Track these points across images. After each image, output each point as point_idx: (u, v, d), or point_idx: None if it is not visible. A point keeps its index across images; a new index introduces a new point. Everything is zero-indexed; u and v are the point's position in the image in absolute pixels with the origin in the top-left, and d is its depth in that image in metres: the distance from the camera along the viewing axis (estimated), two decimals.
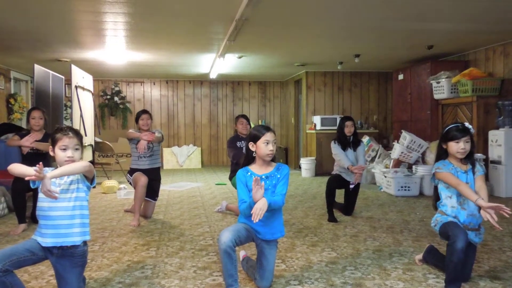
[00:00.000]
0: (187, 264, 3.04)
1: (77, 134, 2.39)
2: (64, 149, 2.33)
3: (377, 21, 4.94)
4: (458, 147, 2.61)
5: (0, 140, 6.28)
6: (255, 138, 2.63)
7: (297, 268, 2.95)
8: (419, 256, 3.03)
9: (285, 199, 2.63)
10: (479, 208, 2.52)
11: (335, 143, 4.61)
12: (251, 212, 2.41)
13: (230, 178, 4.76)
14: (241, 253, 2.96)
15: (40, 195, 2.27)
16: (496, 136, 5.75)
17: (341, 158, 4.50)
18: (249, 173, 2.65)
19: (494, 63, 6.40)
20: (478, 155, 5.77)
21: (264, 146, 2.59)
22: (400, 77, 7.86)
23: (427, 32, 5.53)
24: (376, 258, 3.17)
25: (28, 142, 4.01)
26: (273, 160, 2.69)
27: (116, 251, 3.38)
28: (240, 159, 3.67)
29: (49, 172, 2.20)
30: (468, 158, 2.67)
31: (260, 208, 2.41)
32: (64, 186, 2.33)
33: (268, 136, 2.60)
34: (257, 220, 2.39)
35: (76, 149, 2.36)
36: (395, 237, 3.77)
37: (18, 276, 2.19)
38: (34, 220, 4.14)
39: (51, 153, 2.38)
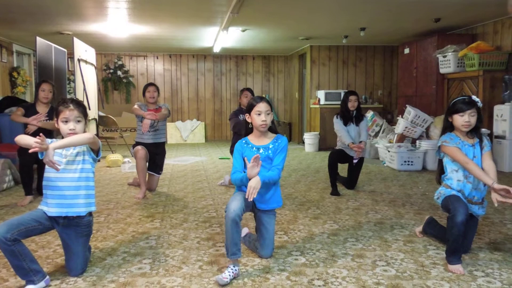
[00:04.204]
0: (191, 235, 3.09)
1: (78, 105, 2.38)
2: (66, 122, 2.34)
3: None
4: (462, 120, 2.58)
5: (5, 113, 6.30)
6: (249, 109, 2.63)
7: (299, 240, 2.99)
8: (419, 228, 3.06)
9: (281, 173, 2.64)
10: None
11: (337, 117, 4.60)
12: (246, 193, 2.43)
13: (231, 151, 4.78)
14: (244, 230, 2.95)
15: (47, 166, 2.30)
16: (502, 111, 5.70)
17: (342, 134, 4.50)
18: (245, 142, 2.67)
19: (502, 36, 6.28)
20: (483, 130, 5.73)
21: (257, 117, 2.59)
22: (406, 51, 7.75)
23: (434, 4, 5.41)
24: (377, 230, 3.21)
25: (36, 121, 4.00)
26: (273, 131, 2.68)
27: (121, 223, 3.44)
28: (242, 129, 3.68)
29: (52, 143, 2.21)
30: (475, 132, 2.65)
31: (253, 187, 2.41)
32: (70, 158, 2.35)
33: (260, 106, 2.58)
34: (251, 199, 2.42)
35: (78, 121, 2.36)
36: (396, 210, 3.80)
37: (26, 245, 2.24)
38: (40, 192, 4.19)
39: (57, 126, 2.39)
